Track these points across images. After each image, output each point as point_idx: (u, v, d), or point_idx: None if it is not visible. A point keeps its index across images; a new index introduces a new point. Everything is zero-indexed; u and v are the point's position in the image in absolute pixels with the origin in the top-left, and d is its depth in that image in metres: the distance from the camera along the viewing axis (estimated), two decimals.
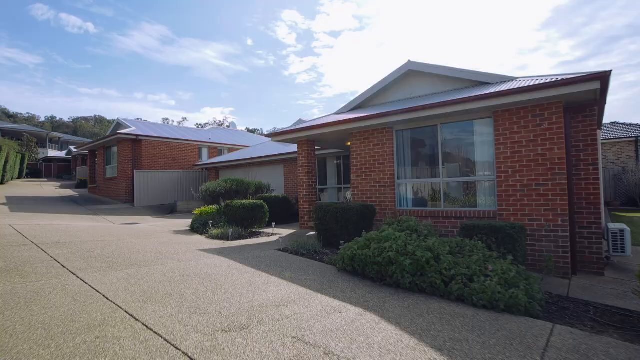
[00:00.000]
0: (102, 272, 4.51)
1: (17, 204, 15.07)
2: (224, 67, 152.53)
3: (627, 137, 19.24)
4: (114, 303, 3.40)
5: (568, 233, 5.98)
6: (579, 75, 5.52)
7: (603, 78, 5.28)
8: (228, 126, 54.38)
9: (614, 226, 6.95)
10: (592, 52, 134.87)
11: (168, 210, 17.47)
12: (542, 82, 5.82)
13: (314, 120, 11.22)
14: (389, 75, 9.28)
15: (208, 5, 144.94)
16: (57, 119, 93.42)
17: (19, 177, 32.53)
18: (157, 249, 6.31)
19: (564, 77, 5.79)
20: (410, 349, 2.77)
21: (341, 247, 5.47)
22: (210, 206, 11.21)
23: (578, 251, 6.30)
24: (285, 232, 9.41)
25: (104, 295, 3.60)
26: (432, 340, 2.97)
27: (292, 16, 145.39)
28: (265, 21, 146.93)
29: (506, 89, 6.18)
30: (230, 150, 24.73)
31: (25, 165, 34.05)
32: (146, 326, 2.90)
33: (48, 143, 48.81)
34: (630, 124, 20.98)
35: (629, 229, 6.91)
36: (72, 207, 16.52)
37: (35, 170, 40.02)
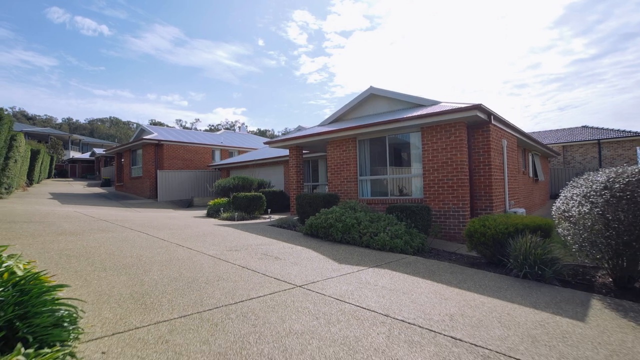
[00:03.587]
0: (155, 231, 7.38)
1: (62, 198, 18.25)
2: (236, 67, 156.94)
3: (591, 140, 21.49)
4: (168, 241, 6.26)
5: (468, 213, 8.62)
6: (466, 105, 8.16)
7: (479, 107, 7.93)
8: (239, 127, 57.47)
9: (512, 209, 9.56)
10: (606, 49, 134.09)
11: (186, 204, 20.49)
12: (446, 109, 8.47)
13: (302, 130, 14.00)
14: (357, 96, 12.01)
15: (219, 6, 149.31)
16: (74, 120, 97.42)
17: (48, 177, 35.98)
18: (184, 223, 9.19)
19: (461, 105, 8.43)
20: (318, 258, 5.55)
21: (306, 220, 8.25)
22: (222, 198, 14.10)
23: None
24: (278, 216, 12.23)
25: (161, 239, 6.46)
26: (334, 257, 5.73)
27: (303, 16, 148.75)
28: (276, 21, 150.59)
29: (426, 112, 8.84)
30: (240, 152, 27.72)
31: (53, 166, 37.65)
32: (188, 248, 5.74)
33: (70, 145, 52.60)
34: (597, 128, 23.18)
35: (523, 210, 9.52)
36: (106, 201, 19.68)
37: (62, 171, 43.76)
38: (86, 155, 49.04)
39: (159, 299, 3.36)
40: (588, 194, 4.67)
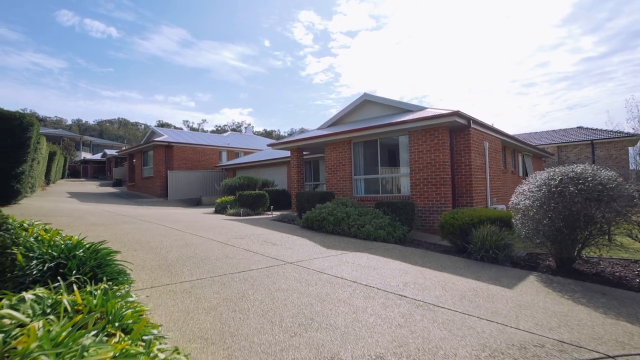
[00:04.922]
0: (170, 223, 8.44)
1: (79, 197, 19.48)
2: (242, 68, 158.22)
3: (585, 140, 22.18)
4: (183, 231, 7.30)
5: (450, 208, 9.53)
6: (447, 111, 9.09)
7: (457, 113, 8.86)
8: (245, 128, 58.66)
9: (493, 206, 10.45)
10: (616, 47, 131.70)
11: (195, 202, 21.63)
12: (429, 114, 9.41)
13: (304, 133, 15.00)
14: (352, 102, 13.00)
15: (224, 7, 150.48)
16: (83, 122, 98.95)
17: (62, 177, 37.33)
18: (195, 218, 10.26)
19: (443, 112, 9.36)
20: (311, 244, 6.54)
21: (304, 215, 9.25)
22: (229, 197, 15.17)
23: None
24: (279, 213, 13.25)
25: (176, 229, 7.51)
26: (323, 244, 6.72)
27: (308, 17, 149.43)
28: (282, 22, 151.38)
29: (412, 118, 9.78)
30: (246, 153, 28.84)
31: (66, 167, 39.06)
32: (200, 236, 6.78)
33: (81, 146, 54.16)
34: (591, 129, 23.83)
35: (503, 206, 10.41)
36: (120, 199, 20.90)
37: (74, 171, 45.28)
38: (98, 156, 50.56)
39: (181, 269, 4.38)
40: (532, 189, 5.60)
